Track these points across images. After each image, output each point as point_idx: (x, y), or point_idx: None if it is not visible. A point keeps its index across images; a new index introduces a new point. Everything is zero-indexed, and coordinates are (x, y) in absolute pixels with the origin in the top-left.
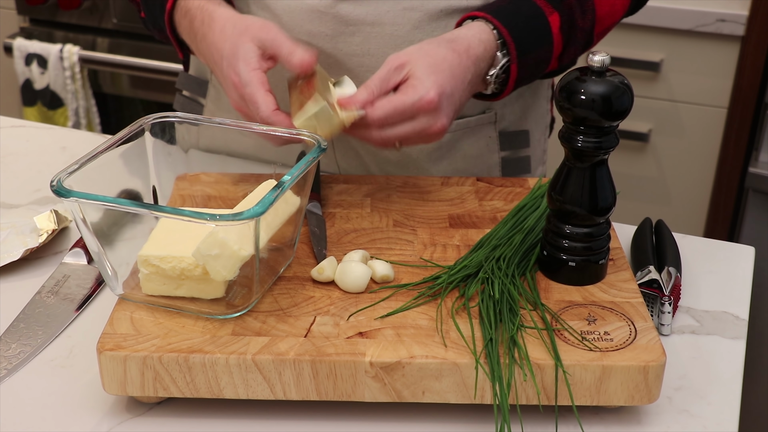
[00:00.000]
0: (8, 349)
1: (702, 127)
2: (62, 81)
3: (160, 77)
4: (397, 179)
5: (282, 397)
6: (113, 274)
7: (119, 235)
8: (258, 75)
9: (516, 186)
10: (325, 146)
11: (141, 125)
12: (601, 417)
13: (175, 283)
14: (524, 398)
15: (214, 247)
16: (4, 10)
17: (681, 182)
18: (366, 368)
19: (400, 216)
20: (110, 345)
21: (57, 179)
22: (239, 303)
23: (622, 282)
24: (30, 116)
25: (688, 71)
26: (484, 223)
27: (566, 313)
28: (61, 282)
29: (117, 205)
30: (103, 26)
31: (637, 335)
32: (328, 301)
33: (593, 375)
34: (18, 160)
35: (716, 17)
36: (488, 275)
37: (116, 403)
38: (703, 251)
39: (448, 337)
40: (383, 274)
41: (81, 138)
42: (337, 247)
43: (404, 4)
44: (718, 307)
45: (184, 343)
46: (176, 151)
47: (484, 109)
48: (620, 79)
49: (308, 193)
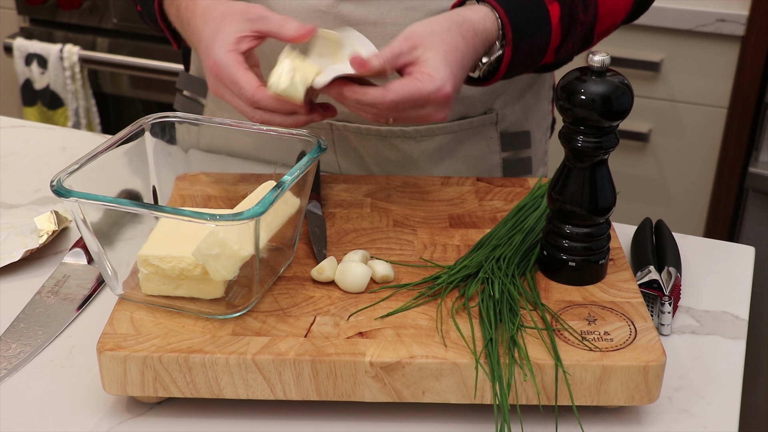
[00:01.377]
0: (8, 349)
1: (702, 127)
2: (62, 81)
3: (160, 77)
4: (397, 179)
5: (282, 397)
6: (113, 274)
7: (119, 235)
8: (234, 56)
9: (516, 186)
10: (325, 146)
11: (141, 125)
12: (601, 417)
13: (175, 283)
14: (524, 398)
15: (214, 246)
16: (4, 10)
17: (681, 182)
18: (366, 368)
19: (400, 216)
20: (110, 345)
21: (57, 179)
22: (239, 303)
23: (622, 282)
24: (30, 116)
25: (688, 71)
26: (484, 223)
27: (566, 313)
28: (61, 282)
29: (117, 205)
30: (103, 26)
31: (637, 335)
32: (328, 301)
33: (593, 375)
34: (18, 160)
35: (716, 17)
36: (488, 275)
37: (116, 403)
38: (703, 251)
39: (448, 337)
40: (383, 274)
41: (81, 138)
42: (337, 247)
43: (405, 4)
44: (718, 307)
45: (184, 343)
46: (176, 151)
47: (485, 109)
48: (620, 79)
49: (308, 193)
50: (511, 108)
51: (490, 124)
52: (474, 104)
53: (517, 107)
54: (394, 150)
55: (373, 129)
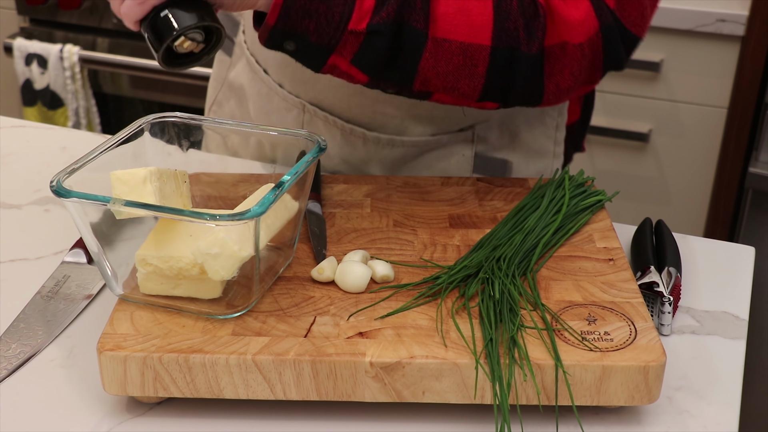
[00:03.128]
0: (8, 349)
1: (702, 127)
2: (62, 81)
3: (160, 77)
4: (397, 179)
5: (282, 397)
6: (113, 274)
7: (119, 235)
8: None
9: (516, 186)
10: (325, 146)
11: (141, 125)
12: (601, 417)
13: (173, 283)
14: (524, 398)
15: (214, 246)
16: (4, 10)
17: (681, 182)
18: (366, 368)
19: (400, 216)
20: (110, 345)
21: (57, 179)
22: (239, 303)
23: (622, 282)
24: (30, 116)
25: (688, 71)
26: (484, 223)
27: (566, 313)
28: (61, 282)
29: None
30: (103, 26)
31: (637, 335)
32: (328, 301)
33: (593, 375)
34: (18, 160)
35: (716, 17)
36: (488, 275)
37: (116, 403)
38: (703, 251)
39: (448, 337)
40: (383, 274)
41: (81, 138)
42: (337, 247)
43: None
44: (718, 307)
45: (184, 343)
46: (176, 151)
47: (462, 126)
48: None
49: (308, 193)
50: (495, 131)
51: (464, 142)
52: (447, 124)
53: (504, 133)
54: (358, 148)
55: (339, 123)
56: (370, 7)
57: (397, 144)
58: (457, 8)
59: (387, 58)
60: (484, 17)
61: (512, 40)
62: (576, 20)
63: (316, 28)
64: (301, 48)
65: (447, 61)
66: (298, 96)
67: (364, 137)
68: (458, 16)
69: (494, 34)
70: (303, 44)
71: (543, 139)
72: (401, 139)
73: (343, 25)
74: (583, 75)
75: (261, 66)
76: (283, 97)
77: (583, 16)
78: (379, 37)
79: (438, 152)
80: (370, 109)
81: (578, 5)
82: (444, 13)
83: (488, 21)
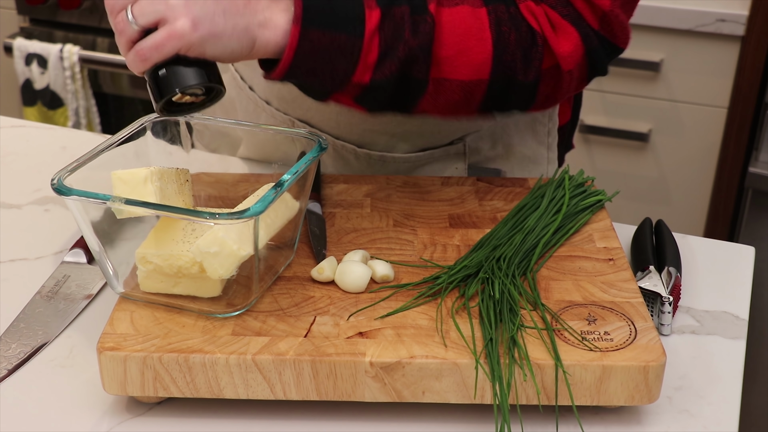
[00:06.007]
0: (8, 349)
1: (702, 127)
2: (62, 81)
3: None
4: (397, 179)
5: (282, 397)
6: (114, 273)
7: (120, 234)
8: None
9: (516, 186)
10: (325, 146)
11: (142, 124)
12: (601, 417)
13: (172, 281)
14: (524, 398)
15: (213, 244)
16: (4, 10)
17: (681, 182)
18: (366, 368)
19: (400, 216)
20: (110, 345)
21: (58, 177)
22: (238, 302)
23: (622, 282)
24: (30, 116)
25: (688, 71)
26: (484, 223)
27: (566, 313)
28: (61, 282)
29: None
30: (103, 26)
31: (637, 335)
32: (328, 301)
33: (593, 375)
34: (18, 160)
35: (716, 17)
36: (488, 275)
37: (116, 403)
38: (703, 251)
39: (448, 337)
40: (383, 274)
41: (81, 138)
42: (337, 247)
43: None
44: (718, 307)
45: (184, 343)
46: (177, 151)
47: (452, 139)
48: None
49: (308, 193)
50: (486, 141)
51: (457, 155)
52: (437, 138)
53: (498, 142)
54: (351, 163)
55: (329, 139)
56: (374, 62)
57: (389, 161)
58: (458, 50)
59: (389, 101)
60: (484, 55)
61: (510, 71)
62: (566, 52)
63: (321, 81)
64: (304, 86)
65: (447, 98)
66: (286, 113)
67: (356, 153)
68: (459, 57)
69: (493, 69)
70: (307, 86)
71: (536, 146)
72: (392, 156)
73: (347, 79)
74: (571, 90)
75: (246, 83)
76: (270, 114)
77: (573, 48)
78: (382, 90)
79: (431, 167)
80: (358, 128)
81: (568, 36)
82: (446, 56)
83: (488, 58)
